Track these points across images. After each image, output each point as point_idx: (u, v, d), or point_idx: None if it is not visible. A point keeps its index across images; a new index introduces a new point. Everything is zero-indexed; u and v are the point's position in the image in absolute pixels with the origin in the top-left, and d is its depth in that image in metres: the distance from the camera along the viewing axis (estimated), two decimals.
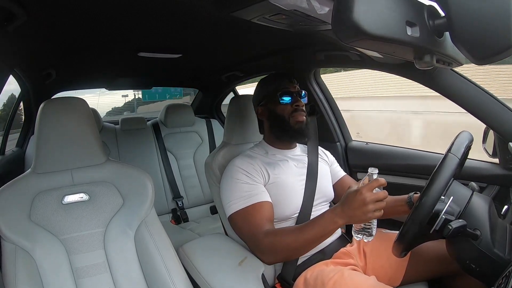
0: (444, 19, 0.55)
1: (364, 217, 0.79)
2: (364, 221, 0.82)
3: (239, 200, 1.01)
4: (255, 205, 0.99)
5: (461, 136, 0.87)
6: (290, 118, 1.09)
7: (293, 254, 0.97)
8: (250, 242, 1.00)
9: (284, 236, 0.93)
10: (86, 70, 1.73)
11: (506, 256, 0.75)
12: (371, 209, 0.78)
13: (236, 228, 1.05)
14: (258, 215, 0.98)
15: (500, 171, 1.13)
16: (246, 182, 1.03)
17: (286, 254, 0.95)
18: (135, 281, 0.96)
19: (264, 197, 1.02)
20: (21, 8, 0.77)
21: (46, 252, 0.89)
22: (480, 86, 1.01)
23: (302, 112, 1.10)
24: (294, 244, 0.90)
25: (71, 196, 0.97)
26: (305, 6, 0.75)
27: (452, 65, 0.77)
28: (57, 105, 0.96)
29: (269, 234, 0.94)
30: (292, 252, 0.94)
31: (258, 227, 0.96)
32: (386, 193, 0.80)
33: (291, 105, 1.10)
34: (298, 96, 1.12)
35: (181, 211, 2.10)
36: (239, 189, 1.02)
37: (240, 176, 1.04)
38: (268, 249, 0.94)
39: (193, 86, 2.55)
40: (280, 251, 0.93)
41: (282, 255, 0.95)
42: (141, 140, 2.13)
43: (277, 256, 0.95)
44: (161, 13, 0.95)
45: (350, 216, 0.81)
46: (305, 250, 0.94)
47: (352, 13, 0.45)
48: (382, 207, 0.79)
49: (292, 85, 1.12)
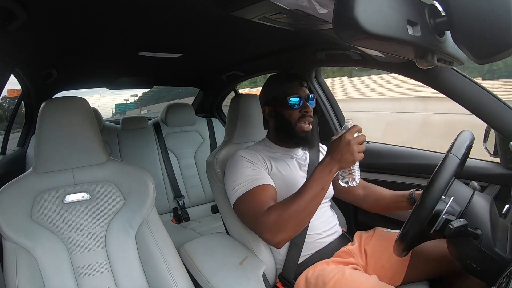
0: (445, 18, 0.55)
1: (352, 158, 0.86)
2: (352, 162, 0.87)
3: (243, 186, 0.99)
4: (258, 188, 0.98)
5: (462, 135, 0.87)
6: (296, 124, 1.07)
7: (300, 223, 0.91)
8: (255, 225, 0.95)
9: (286, 205, 0.90)
10: (87, 70, 1.73)
11: (507, 256, 0.75)
12: (356, 149, 0.86)
13: (241, 215, 1.02)
14: (261, 197, 0.96)
15: (501, 171, 1.12)
16: (249, 167, 1.02)
17: (294, 224, 0.89)
18: (136, 280, 0.96)
19: (267, 181, 1.01)
20: (22, 8, 0.77)
21: (47, 251, 0.90)
22: (481, 85, 1.01)
23: (310, 118, 1.08)
24: (298, 209, 0.88)
25: (72, 195, 0.97)
26: (306, 5, 0.75)
27: (453, 64, 0.77)
28: (58, 104, 0.96)
29: (271, 210, 0.91)
30: (298, 219, 0.90)
31: (261, 208, 0.93)
32: (365, 136, 0.88)
33: (299, 111, 1.07)
34: (307, 100, 1.09)
35: (182, 210, 2.11)
36: (243, 174, 1.01)
37: (243, 163, 1.04)
38: (275, 226, 0.89)
39: (194, 85, 2.55)
40: (287, 223, 0.89)
41: (290, 227, 0.89)
42: (142, 140, 2.13)
43: (286, 230, 0.89)
44: (162, 12, 0.95)
45: (340, 160, 0.87)
46: (310, 212, 0.91)
47: (353, 12, 0.44)
48: (363, 149, 0.87)
49: (301, 89, 1.10)
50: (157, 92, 5.71)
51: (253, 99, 1.27)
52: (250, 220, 0.98)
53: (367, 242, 1.13)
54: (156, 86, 2.39)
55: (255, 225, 0.95)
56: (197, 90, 2.65)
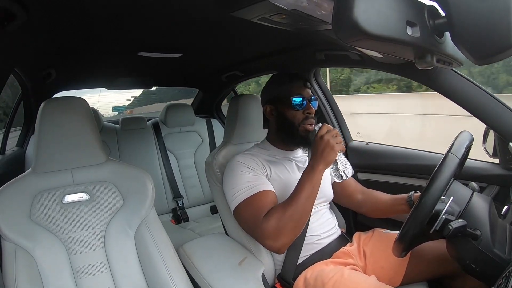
0: (444, 19, 0.55)
1: (333, 152, 0.92)
2: (334, 153, 0.92)
3: (242, 192, 0.99)
4: (258, 194, 0.98)
5: (461, 136, 0.87)
6: (299, 125, 1.06)
7: (298, 224, 0.92)
8: (255, 232, 0.95)
9: (282, 209, 0.92)
10: (86, 70, 1.73)
11: (506, 256, 0.75)
12: (333, 142, 0.92)
13: (241, 221, 1.02)
14: (261, 203, 0.96)
15: (500, 171, 1.13)
16: (248, 173, 1.02)
17: (293, 226, 0.91)
18: (135, 280, 0.96)
19: (267, 187, 1.01)
20: (21, 8, 0.77)
21: (46, 251, 0.89)
22: (480, 86, 1.01)
23: (312, 120, 1.07)
24: (294, 211, 0.91)
25: (71, 195, 0.97)
26: (305, 5, 0.75)
27: (452, 65, 0.77)
28: (57, 104, 0.96)
29: (269, 216, 0.92)
30: (296, 221, 0.91)
31: (260, 215, 0.94)
32: (337, 130, 0.96)
33: (303, 112, 1.07)
34: (310, 101, 1.08)
35: (181, 211, 2.10)
36: (242, 181, 1.01)
37: (242, 169, 1.03)
38: (274, 231, 0.91)
39: (193, 85, 2.55)
40: (285, 226, 0.90)
41: (289, 230, 0.91)
42: (141, 140, 2.13)
43: (285, 234, 0.91)
44: (161, 12, 0.95)
45: (323, 157, 0.92)
46: (306, 212, 0.94)
47: (352, 13, 0.44)
48: (341, 140, 0.94)
49: (305, 90, 1.08)
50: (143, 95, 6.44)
51: (252, 99, 1.27)
52: (250, 227, 0.98)
53: (366, 243, 1.13)
54: (154, 87, 2.39)
55: (256, 232, 0.96)
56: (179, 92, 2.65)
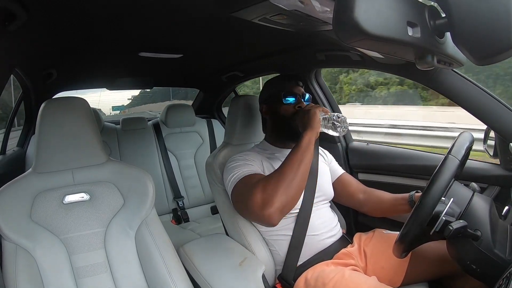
0: (445, 19, 0.55)
1: (316, 117, 0.99)
2: (317, 118, 0.99)
3: (238, 176, 1.01)
4: (251, 175, 1.01)
5: (461, 137, 0.87)
6: (291, 119, 1.09)
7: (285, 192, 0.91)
8: (246, 208, 0.95)
9: (267, 178, 0.95)
10: (87, 70, 1.73)
11: (506, 257, 0.75)
12: (314, 110, 1.00)
13: (236, 203, 1.03)
14: (254, 180, 0.97)
15: (501, 172, 1.13)
16: (245, 163, 1.05)
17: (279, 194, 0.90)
18: (135, 281, 0.96)
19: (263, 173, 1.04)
20: (22, 8, 0.77)
21: (46, 251, 0.89)
22: (481, 86, 1.01)
23: None
24: (279, 178, 0.92)
25: (71, 196, 0.97)
26: (306, 6, 0.75)
27: (453, 66, 0.77)
28: (58, 105, 0.96)
29: (255, 187, 0.93)
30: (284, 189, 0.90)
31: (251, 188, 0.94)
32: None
33: (294, 107, 1.11)
34: (302, 98, 1.13)
35: (182, 211, 2.10)
36: (239, 168, 1.03)
37: (239, 161, 1.06)
38: (261, 200, 0.90)
39: (194, 86, 2.55)
40: (272, 195, 0.89)
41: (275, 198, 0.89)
42: (142, 140, 2.13)
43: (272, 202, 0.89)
44: (162, 13, 0.95)
45: (310, 125, 0.98)
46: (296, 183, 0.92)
47: (353, 13, 0.44)
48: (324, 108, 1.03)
49: (297, 87, 1.14)
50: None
51: (253, 100, 1.27)
52: (243, 204, 0.97)
53: (367, 244, 1.13)
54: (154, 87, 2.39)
55: (246, 208, 0.95)
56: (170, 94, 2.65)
